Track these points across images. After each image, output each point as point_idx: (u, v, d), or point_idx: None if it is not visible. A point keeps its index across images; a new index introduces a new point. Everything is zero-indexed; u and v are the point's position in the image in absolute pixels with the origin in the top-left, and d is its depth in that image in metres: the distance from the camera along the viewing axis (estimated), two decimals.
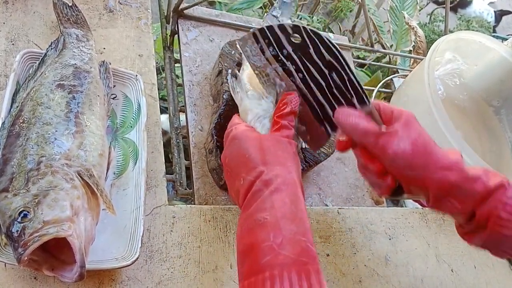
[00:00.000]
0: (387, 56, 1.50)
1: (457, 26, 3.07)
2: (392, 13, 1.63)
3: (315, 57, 0.58)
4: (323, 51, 0.58)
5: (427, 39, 2.20)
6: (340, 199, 0.90)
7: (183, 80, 0.88)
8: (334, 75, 0.58)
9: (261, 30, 0.61)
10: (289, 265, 0.47)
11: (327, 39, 0.58)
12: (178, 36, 0.93)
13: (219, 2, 1.81)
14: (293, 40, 0.59)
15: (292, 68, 0.61)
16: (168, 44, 0.98)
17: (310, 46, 0.58)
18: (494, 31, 3.27)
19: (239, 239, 0.53)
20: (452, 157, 0.56)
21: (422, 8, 2.84)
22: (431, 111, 0.86)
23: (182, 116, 0.89)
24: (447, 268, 0.85)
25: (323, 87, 0.60)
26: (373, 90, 1.16)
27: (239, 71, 0.79)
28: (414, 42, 1.47)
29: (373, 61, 1.36)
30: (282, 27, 0.59)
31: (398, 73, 1.28)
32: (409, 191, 0.60)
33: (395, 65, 1.46)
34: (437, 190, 0.56)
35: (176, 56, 0.97)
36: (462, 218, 0.58)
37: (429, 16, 2.93)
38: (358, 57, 2.04)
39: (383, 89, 1.21)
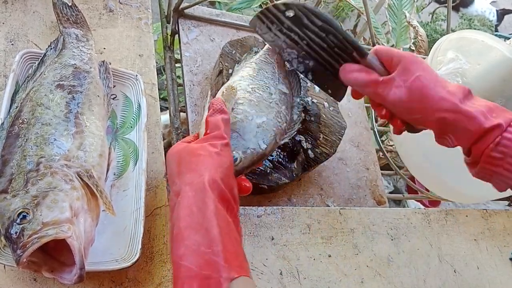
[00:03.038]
0: None
1: (459, 25, 3.06)
2: (390, 11, 1.62)
3: (310, 25, 0.66)
4: (314, 19, 0.65)
5: (429, 38, 2.20)
6: (341, 200, 0.89)
7: (183, 80, 0.88)
8: (331, 37, 0.65)
9: (261, 12, 0.70)
10: (191, 278, 0.46)
11: (313, 9, 0.66)
12: (179, 35, 0.93)
13: (219, 2, 1.81)
14: (287, 15, 0.67)
15: (295, 38, 0.69)
16: (169, 44, 0.97)
17: (303, 17, 0.66)
18: (497, 30, 3.26)
19: None
20: (451, 97, 0.57)
21: (424, 7, 2.83)
22: None
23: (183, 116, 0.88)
24: (450, 269, 0.84)
25: (325, 48, 0.67)
26: None
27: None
28: (414, 39, 1.46)
29: None
30: (276, 6, 0.68)
31: None
32: (419, 128, 0.63)
33: None
34: (436, 129, 0.59)
35: (177, 56, 0.97)
36: (463, 152, 0.61)
37: (431, 15, 2.92)
38: None
39: None
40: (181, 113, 0.92)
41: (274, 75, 0.78)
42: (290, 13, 0.67)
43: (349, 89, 0.69)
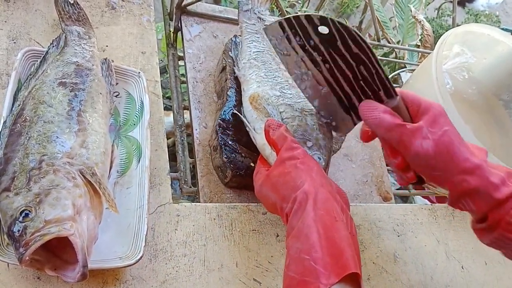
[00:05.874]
0: (394, 51, 1.49)
1: (465, 20, 3.04)
2: (398, 7, 1.61)
3: (342, 49, 0.57)
4: (351, 44, 0.56)
5: (435, 34, 2.18)
6: (347, 196, 0.88)
7: (186, 77, 0.87)
8: (361, 68, 0.57)
9: (287, 19, 0.60)
10: (294, 286, 0.49)
11: (355, 32, 0.55)
12: (182, 32, 0.92)
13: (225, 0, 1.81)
14: (320, 31, 0.57)
15: (318, 59, 0.60)
16: (172, 41, 0.97)
17: (338, 39, 0.56)
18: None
19: None
20: (475, 159, 0.54)
21: (429, 3, 2.81)
22: None
23: (186, 114, 0.88)
24: (457, 265, 0.83)
25: (350, 79, 0.59)
26: None
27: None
28: (421, 36, 1.45)
29: (381, 56, 1.34)
30: (309, 17, 0.57)
31: (406, 68, 1.27)
32: (430, 184, 0.60)
33: (403, 60, 1.44)
34: (455, 191, 0.55)
35: (180, 53, 0.96)
36: (475, 216, 0.58)
37: (436, 11, 2.90)
38: None
39: None
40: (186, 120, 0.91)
41: (278, 62, 0.77)
42: (324, 30, 0.56)
43: (357, 128, 0.64)
